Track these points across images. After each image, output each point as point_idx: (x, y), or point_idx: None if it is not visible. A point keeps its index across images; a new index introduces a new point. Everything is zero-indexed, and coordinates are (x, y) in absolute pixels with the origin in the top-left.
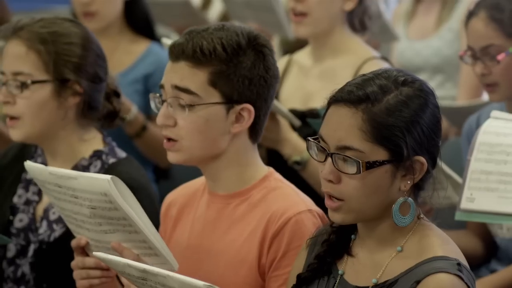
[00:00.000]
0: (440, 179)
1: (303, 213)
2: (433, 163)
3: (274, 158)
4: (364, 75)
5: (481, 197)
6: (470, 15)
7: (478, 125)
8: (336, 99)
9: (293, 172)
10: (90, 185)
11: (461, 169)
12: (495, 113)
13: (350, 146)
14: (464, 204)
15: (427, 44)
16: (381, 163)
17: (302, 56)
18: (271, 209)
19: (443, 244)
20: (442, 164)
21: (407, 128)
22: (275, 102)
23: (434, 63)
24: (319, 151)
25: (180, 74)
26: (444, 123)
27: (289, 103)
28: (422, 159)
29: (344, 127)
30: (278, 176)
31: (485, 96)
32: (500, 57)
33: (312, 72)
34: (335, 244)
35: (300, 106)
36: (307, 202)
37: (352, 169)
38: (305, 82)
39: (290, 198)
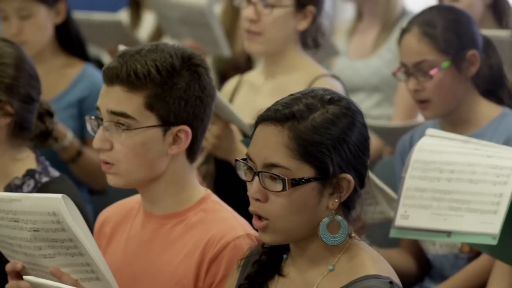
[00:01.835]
0: (373, 193)
1: (242, 238)
2: (360, 182)
3: (223, 173)
4: (292, 94)
5: (415, 214)
6: (403, 31)
7: (411, 144)
8: (263, 118)
9: (242, 187)
10: (36, 206)
11: (395, 188)
12: (430, 130)
13: (276, 164)
14: (399, 222)
15: (367, 64)
16: (307, 180)
17: (253, 75)
18: (209, 232)
19: (375, 262)
20: (375, 178)
21: (334, 146)
22: (230, 108)
23: (373, 82)
24: (248, 170)
25: (116, 99)
26: (379, 143)
27: None
28: (348, 176)
29: (270, 145)
30: (215, 198)
31: (420, 117)
32: (433, 72)
33: (263, 89)
34: (265, 264)
35: (249, 121)
36: (244, 226)
37: (278, 186)
38: (256, 98)
39: (228, 222)
